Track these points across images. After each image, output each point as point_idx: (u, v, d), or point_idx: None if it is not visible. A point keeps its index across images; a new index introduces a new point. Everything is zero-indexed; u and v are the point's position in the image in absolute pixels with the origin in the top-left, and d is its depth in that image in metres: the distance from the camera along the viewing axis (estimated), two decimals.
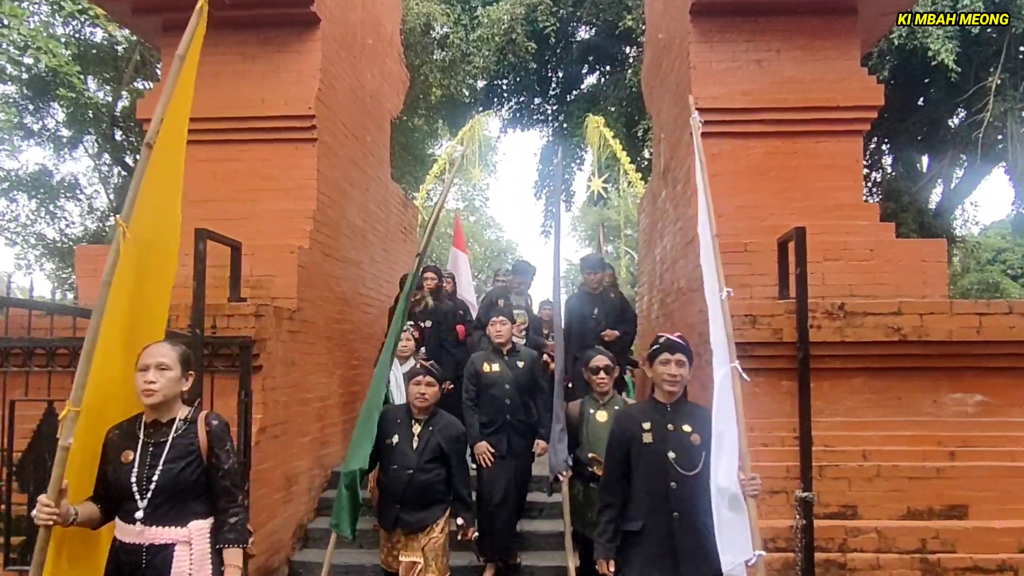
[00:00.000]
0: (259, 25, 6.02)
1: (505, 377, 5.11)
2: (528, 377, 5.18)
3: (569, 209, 18.96)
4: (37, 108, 13.54)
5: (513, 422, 5.09)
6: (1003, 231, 24.21)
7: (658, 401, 3.31)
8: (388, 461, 4.06)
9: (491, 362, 5.17)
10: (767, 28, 5.84)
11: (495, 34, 13.22)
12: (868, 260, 5.23)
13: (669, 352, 3.23)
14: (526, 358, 5.25)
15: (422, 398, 4.05)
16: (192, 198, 5.89)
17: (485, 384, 5.13)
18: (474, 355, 5.37)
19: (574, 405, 4.60)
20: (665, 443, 3.19)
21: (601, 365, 4.44)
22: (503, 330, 5.16)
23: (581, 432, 4.48)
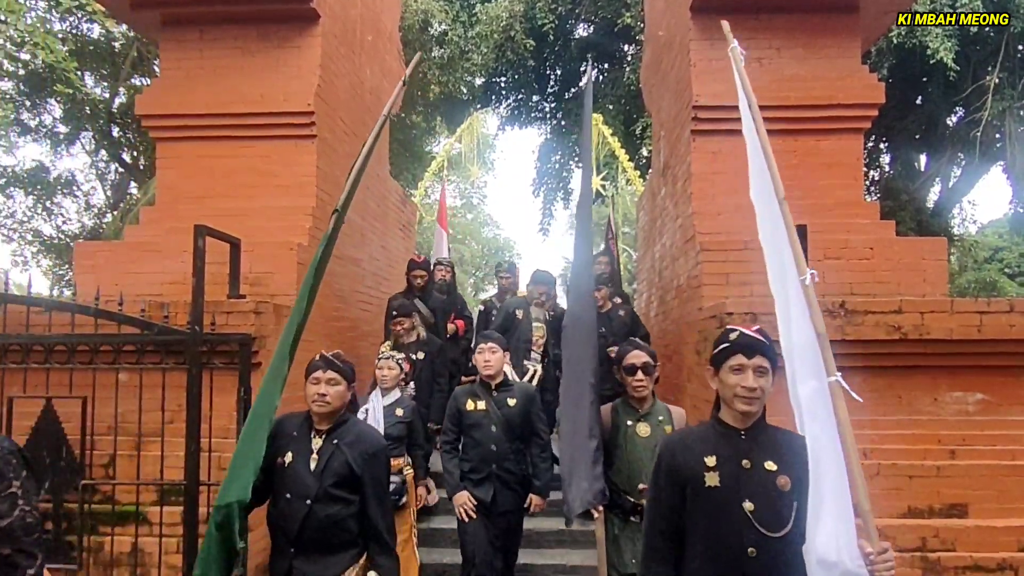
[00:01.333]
0: (258, 20, 6.00)
1: (492, 417, 4.31)
2: (521, 418, 4.36)
3: (567, 207, 18.93)
4: (34, 104, 13.50)
5: (500, 473, 4.30)
6: (1001, 230, 24.27)
7: (727, 425, 2.39)
8: (279, 488, 2.96)
9: (476, 398, 4.37)
10: (768, 26, 5.84)
11: (493, 31, 13.20)
12: (868, 258, 5.23)
13: (745, 354, 2.32)
14: (520, 395, 4.42)
15: (322, 401, 2.98)
16: (191, 194, 5.90)
17: (468, 425, 4.35)
18: (457, 389, 4.65)
19: (604, 413, 3.76)
20: (739, 488, 2.27)
21: (639, 363, 3.61)
22: (492, 360, 4.33)
23: (616, 450, 3.65)
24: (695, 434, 2.51)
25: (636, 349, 3.67)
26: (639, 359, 3.63)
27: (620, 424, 3.65)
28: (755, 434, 2.35)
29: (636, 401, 3.66)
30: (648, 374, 3.61)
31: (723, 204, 5.69)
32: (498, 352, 4.36)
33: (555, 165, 17.08)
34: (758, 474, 2.27)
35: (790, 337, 2.39)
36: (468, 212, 34.24)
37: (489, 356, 4.35)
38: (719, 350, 2.40)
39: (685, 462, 2.35)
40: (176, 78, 6.03)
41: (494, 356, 4.35)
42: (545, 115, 16.72)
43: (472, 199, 33.97)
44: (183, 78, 6.01)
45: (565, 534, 5.71)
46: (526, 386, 4.62)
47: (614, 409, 3.75)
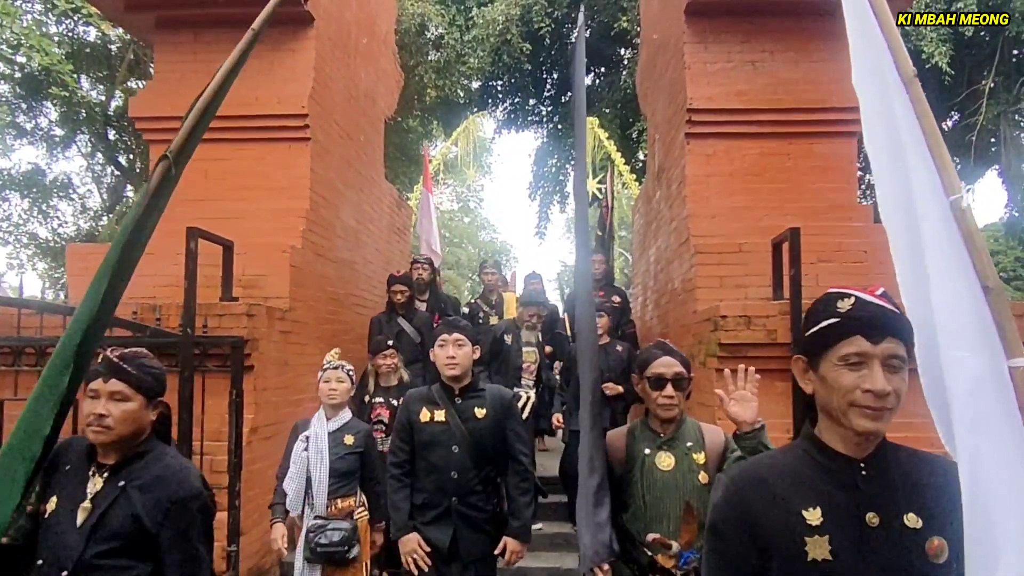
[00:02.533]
0: (252, 23, 5.98)
1: (454, 434, 3.28)
2: (494, 434, 3.33)
3: (563, 210, 18.95)
4: (30, 107, 13.49)
5: (463, 509, 3.27)
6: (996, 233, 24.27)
7: (833, 452, 1.49)
8: (36, 550, 2.06)
9: (433, 406, 3.34)
10: (761, 29, 5.85)
11: (490, 35, 13.21)
12: (862, 261, 5.23)
13: (868, 335, 1.42)
14: (492, 403, 3.36)
15: (99, 425, 2.03)
16: (184, 197, 5.85)
17: (422, 442, 3.31)
18: (410, 393, 3.51)
19: (615, 438, 2.83)
20: (863, 560, 1.39)
21: (669, 374, 2.66)
22: (458, 356, 3.30)
23: (630, 487, 2.70)
24: (779, 467, 1.53)
25: (666, 355, 2.74)
26: (669, 368, 2.69)
27: (636, 453, 2.71)
28: (881, 466, 1.45)
29: (659, 423, 2.73)
30: (680, 388, 2.68)
31: (717, 207, 5.69)
32: (466, 346, 3.33)
33: (552, 169, 17.09)
34: (893, 536, 1.39)
35: (928, 299, 1.45)
36: (465, 216, 34.24)
37: (453, 351, 3.30)
38: (820, 328, 1.48)
39: (769, 518, 1.44)
40: (170, 81, 6.03)
41: (460, 351, 3.31)
42: (542, 119, 16.73)
43: (469, 203, 33.97)
44: (177, 81, 6.00)
45: (559, 538, 5.70)
46: (500, 392, 3.49)
47: (629, 433, 2.81)
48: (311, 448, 3.87)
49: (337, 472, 3.86)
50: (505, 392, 3.52)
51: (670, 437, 2.72)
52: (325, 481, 3.83)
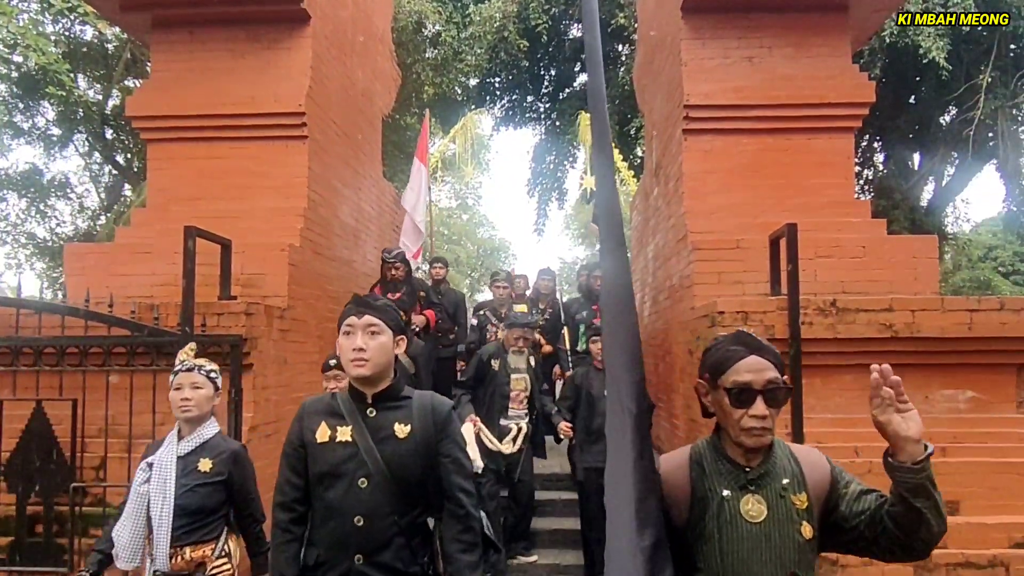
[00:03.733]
0: (249, 22, 5.99)
1: (363, 460, 2.30)
2: (421, 462, 2.35)
3: (562, 207, 18.94)
4: (27, 106, 13.45)
5: (372, 572, 2.27)
6: (994, 228, 24.31)
7: None
8: None
9: (336, 421, 2.37)
10: (759, 25, 5.85)
11: (487, 32, 13.20)
12: (860, 257, 5.24)
13: None
14: (420, 416, 2.39)
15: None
16: (182, 196, 5.89)
17: (318, 473, 2.33)
18: (306, 403, 2.48)
19: (673, 470, 1.93)
20: None
21: (759, 383, 1.80)
22: (370, 348, 2.31)
23: (701, 545, 1.84)
24: None
25: (753, 353, 1.84)
26: (759, 374, 1.80)
27: (708, 494, 1.84)
28: None
29: (742, 452, 1.84)
30: (775, 403, 1.80)
31: (715, 203, 5.70)
32: (382, 335, 2.32)
33: (550, 166, 17.09)
34: None
35: None
36: (463, 213, 34.21)
37: (363, 340, 2.29)
38: None
39: None
40: (166, 80, 6.02)
41: (373, 342, 2.30)
42: (539, 116, 16.73)
43: (467, 200, 33.94)
44: (173, 80, 6.00)
45: (559, 534, 5.71)
46: (434, 401, 2.44)
47: (694, 463, 1.90)
48: (154, 479, 2.92)
49: (186, 510, 2.89)
50: (440, 402, 2.44)
51: (761, 473, 1.83)
52: (167, 523, 2.85)
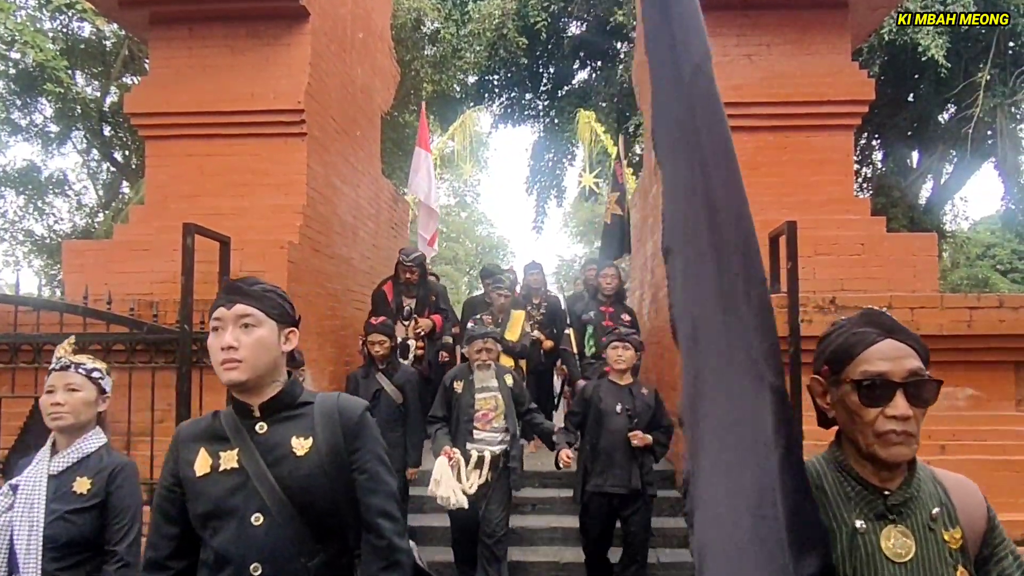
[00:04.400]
0: (248, 18, 5.97)
1: (253, 491, 1.78)
2: (329, 483, 1.82)
3: (560, 205, 18.96)
4: (25, 103, 13.45)
5: None
6: (993, 227, 24.33)
7: None
8: None
9: (218, 445, 1.84)
10: (757, 22, 5.84)
11: (486, 29, 13.20)
12: (859, 254, 5.24)
13: None
14: (324, 425, 1.86)
15: None
16: (180, 193, 5.88)
17: (201, 514, 1.80)
18: (181, 428, 1.97)
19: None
20: None
21: (899, 374, 1.39)
22: (245, 345, 1.76)
23: None
24: None
25: (889, 336, 1.43)
26: (899, 363, 1.40)
27: (834, 526, 1.43)
28: None
29: (877, 471, 1.45)
30: (919, 401, 1.42)
31: None
32: (259, 328, 1.79)
33: (548, 163, 17.09)
34: None
35: None
36: (462, 210, 34.22)
37: (233, 336, 1.76)
38: None
39: None
40: (165, 76, 6.01)
41: (248, 337, 1.77)
42: (538, 113, 16.73)
43: (465, 197, 33.95)
44: (172, 76, 5.99)
45: (558, 532, 5.71)
46: (341, 404, 1.91)
47: (811, 488, 1.41)
48: (18, 504, 2.32)
49: (56, 542, 2.30)
50: (348, 403, 1.91)
51: (904, 498, 1.42)
52: (35, 557, 2.27)
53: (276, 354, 1.83)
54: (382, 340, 5.13)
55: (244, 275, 5.27)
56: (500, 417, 4.79)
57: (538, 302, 7.14)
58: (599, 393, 4.80)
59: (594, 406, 4.77)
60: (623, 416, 4.64)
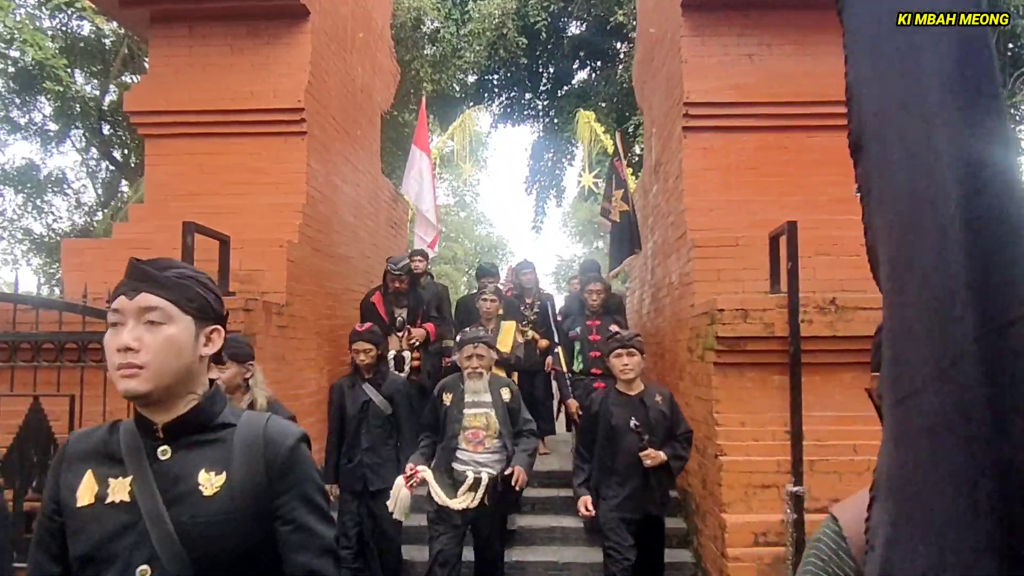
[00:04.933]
0: (248, 17, 5.97)
1: (146, 532, 1.35)
2: (242, 531, 1.39)
3: (560, 205, 18.96)
4: (24, 102, 13.45)
5: None
6: None
7: None
8: None
9: (109, 469, 1.42)
10: (758, 22, 5.84)
11: (486, 29, 13.19)
12: (859, 254, 5.16)
13: None
14: (244, 456, 1.44)
15: None
16: (180, 191, 5.87)
17: (80, 556, 1.36)
18: (71, 439, 1.50)
19: None
20: None
21: None
22: (146, 346, 1.36)
23: None
24: None
25: None
26: None
27: None
28: None
29: None
30: None
31: (715, 200, 5.69)
32: (168, 325, 1.40)
33: (548, 163, 17.09)
34: None
35: None
36: (461, 210, 34.20)
37: (133, 335, 1.38)
38: None
39: None
40: (165, 75, 6.00)
41: (153, 336, 1.39)
42: (538, 113, 16.72)
43: (465, 197, 33.93)
44: (172, 75, 5.98)
45: (557, 531, 5.71)
46: (268, 429, 1.48)
47: None
48: None
49: None
50: (279, 429, 1.50)
51: None
52: None
53: (190, 360, 1.42)
54: (368, 348, 4.79)
55: (244, 273, 5.28)
56: (493, 438, 4.31)
57: (531, 301, 7.06)
58: (608, 407, 4.31)
59: (604, 422, 4.28)
60: (636, 433, 4.14)
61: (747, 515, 4.48)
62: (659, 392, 4.41)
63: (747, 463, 4.52)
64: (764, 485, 4.50)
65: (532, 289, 7.18)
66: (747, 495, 4.51)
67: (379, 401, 4.83)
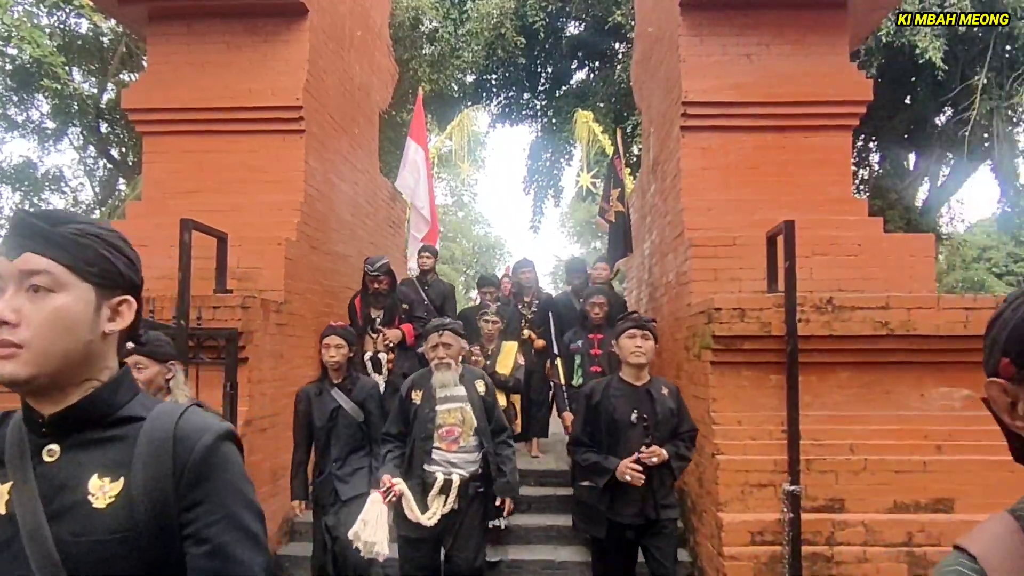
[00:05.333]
0: (246, 15, 5.97)
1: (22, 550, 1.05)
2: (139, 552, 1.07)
3: (558, 205, 18.95)
4: (21, 99, 13.41)
5: None
6: (988, 229, 24.38)
7: None
8: None
9: None
10: (757, 22, 5.84)
11: (484, 29, 13.18)
12: (856, 254, 5.25)
13: None
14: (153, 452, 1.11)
15: None
16: (178, 189, 5.87)
17: None
18: None
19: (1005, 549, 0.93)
20: None
21: None
22: (36, 319, 1.06)
23: None
24: None
25: None
26: None
27: None
28: None
29: None
30: None
31: (713, 200, 5.70)
32: (60, 295, 1.09)
33: (546, 163, 17.07)
34: None
35: None
36: (459, 210, 34.19)
37: (13, 302, 1.07)
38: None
39: None
40: (163, 72, 5.99)
41: (37, 306, 1.08)
42: (536, 113, 16.71)
43: (463, 197, 33.92)
44: (170, 72, 5.97)
45: (553, 530, 5.71)
46: (179, 426, 1.13)
47: None
48: None
49: None
50: (192, 427, 1.14)
51: None
52: None
53: (88, 337, 1.12)
54: (339, 344, 4.38)
55: (242, 271, 5.27)
56: (469, 435, 3.93)
57: (529, 300, 7.07)
58: (610, 398, 3.90)
59: (605, 414, 3.89)
60: (640, 427, 3.77)
61: (744, 514, 4.48)
62: (666, 385, 4.02)
63: (744, 462, 4.53)
64: (761, 484, 4.51)
65: (531, 288, 7.20)
66: (744, 494, 4.51)
67: (350, 408, 4.37)
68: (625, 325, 3.95)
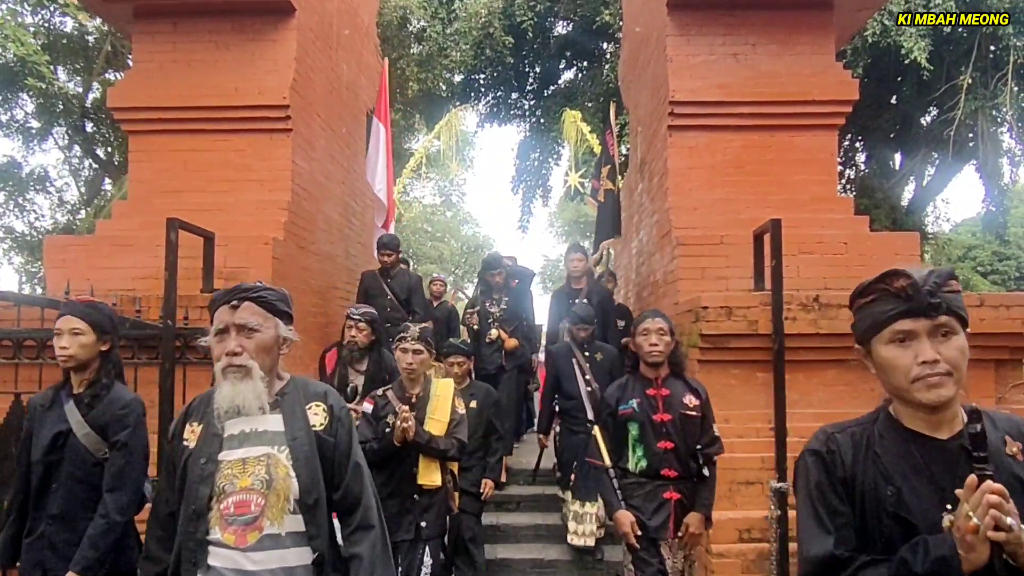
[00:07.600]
0: (233, 13, 5.93)
1: None
2: None
3: (546, 204, 18.98)
4: (5, 99, 13.31)
5: None
6: (973, 228, 24.60)
7: None
8: None
9: None
10: (744, 22, 5.87)
11: (472, 28, 13.19)
12: (842, 253, 5.28)
13: None
14: None
15: None
16: (164, 188, 5.83)
17: None
18: None
19: None
20: None
21: None
22: None
23: None
24: None
25: None
26: None
27: None
28: None
29: None
30: None
31: (699, 199, 5.72)
32: None
33: (534, 163, 17.10)
34: None
35: None
36: (447, 210, 34.15)
37: None
38: None
39: None
40: (149, 71, 5.96)
41: None
42: (524, 112, 16.73)
43: (451, 196, 33.88)
44: (156, 71, 5.93)
45: (542, 528, 5.72)
46: None
47: None
48: None
49: None
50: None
51: None
52: None
53: None
54: None
55: (228, 270, 5.25)
56: (282, 511, 2.02)
57: (497, 297, 6.67)
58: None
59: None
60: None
61: (731, 511, 4.50)
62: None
63: (731, 460, 4.53)
64: (748, 482, 4.53)
65: (502, 287, 6.72)
66: (731, 491, 4.53)
67: (83, 434, 2.86)
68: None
